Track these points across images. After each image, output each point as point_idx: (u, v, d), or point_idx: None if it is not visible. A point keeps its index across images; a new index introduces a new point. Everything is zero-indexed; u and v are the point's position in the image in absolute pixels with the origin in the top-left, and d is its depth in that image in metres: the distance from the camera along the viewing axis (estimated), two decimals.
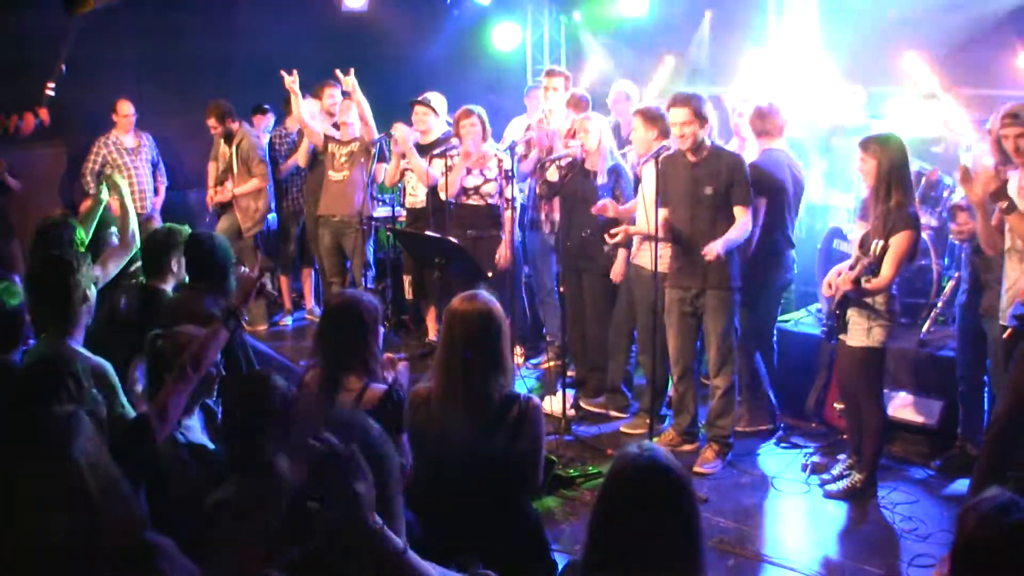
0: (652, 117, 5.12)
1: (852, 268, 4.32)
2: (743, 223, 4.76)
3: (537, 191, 6.10)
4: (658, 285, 4.95)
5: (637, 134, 5.19)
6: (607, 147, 5.58)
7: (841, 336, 4.48)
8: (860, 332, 4.41)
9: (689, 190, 4.81)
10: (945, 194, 5.57)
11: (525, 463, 2.80)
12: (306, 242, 7.67)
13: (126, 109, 7.32)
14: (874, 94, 6.96)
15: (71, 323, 3.28)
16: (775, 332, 5.49)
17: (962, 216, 4.69)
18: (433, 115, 6.40)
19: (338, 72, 6.53)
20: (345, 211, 6.76)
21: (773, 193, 5.04)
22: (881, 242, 4.15)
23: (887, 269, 4.23)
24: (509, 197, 5.93)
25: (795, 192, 5.21)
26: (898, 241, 4.21)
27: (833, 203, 6.21)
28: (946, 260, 5.56)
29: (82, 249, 4.33)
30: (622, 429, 5.46)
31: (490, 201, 6.01)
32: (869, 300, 4.34)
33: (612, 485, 1.96)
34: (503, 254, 5.97)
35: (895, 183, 4.25)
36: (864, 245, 4.30)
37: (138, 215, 7.29)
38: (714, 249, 4.56)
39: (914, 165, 5.55)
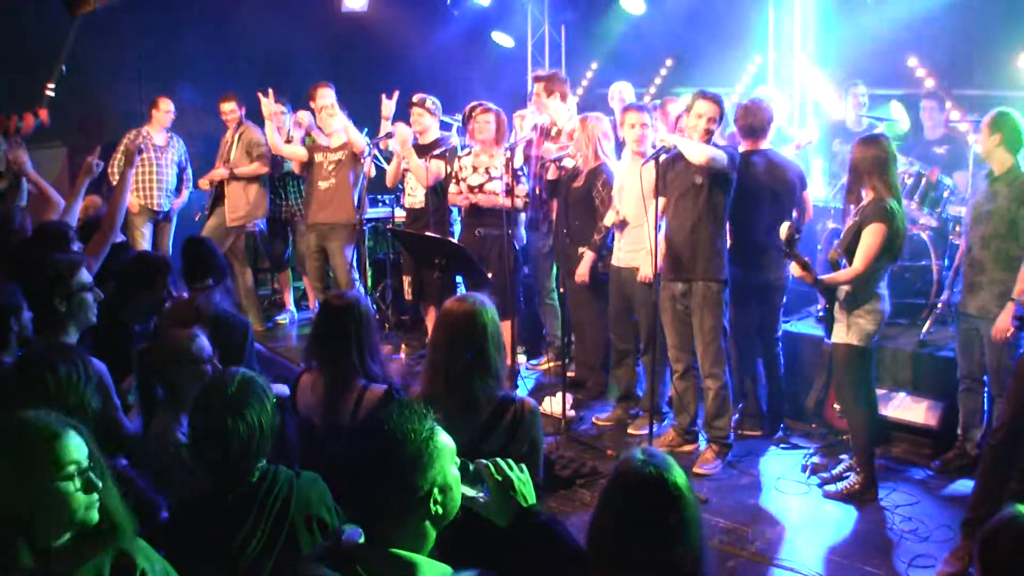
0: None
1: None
2: (704, 147, 4.62)
3: (537, 191, 6.09)
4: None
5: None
6: (592, 149, 5.58)
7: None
8: (840, 328, 4.43)
9: (680, 183, 4.81)
10: (945, 194, 5.57)
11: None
12: (299, 243, 7.75)
13: (167, 106, 7.36)
14: (878, 95, 6.98)
15: (65, 324, 3.28)
16: (780, 334, 5.43)
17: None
18: (428, 115, 6.40)
19: (385, 96, 6.50)
20: (331, 218, 6.79)
21: (763, 195, 5.02)
22: (790, 224, 4.21)
23: (858, 261, 4.26)
24: (519, 194, 5.92)
25: (789, 193, 5.17)
26: (870, 233, 4.24)
27: (834, 204, 6.21)
28: (946, 260, 5.56)
29: None
30: (629, 431, 5.46)
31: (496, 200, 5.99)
32: (844, 292, 4.36)
33: (611, 489, 1.96)
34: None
35: (870, 180, 4.31)
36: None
37: (155, 211, 7.37)
38: (670, 137, 4.57)
39: (914, 166, 5.58)
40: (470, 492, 2.04)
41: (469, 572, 1.90)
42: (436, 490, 1.89)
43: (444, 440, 1.96)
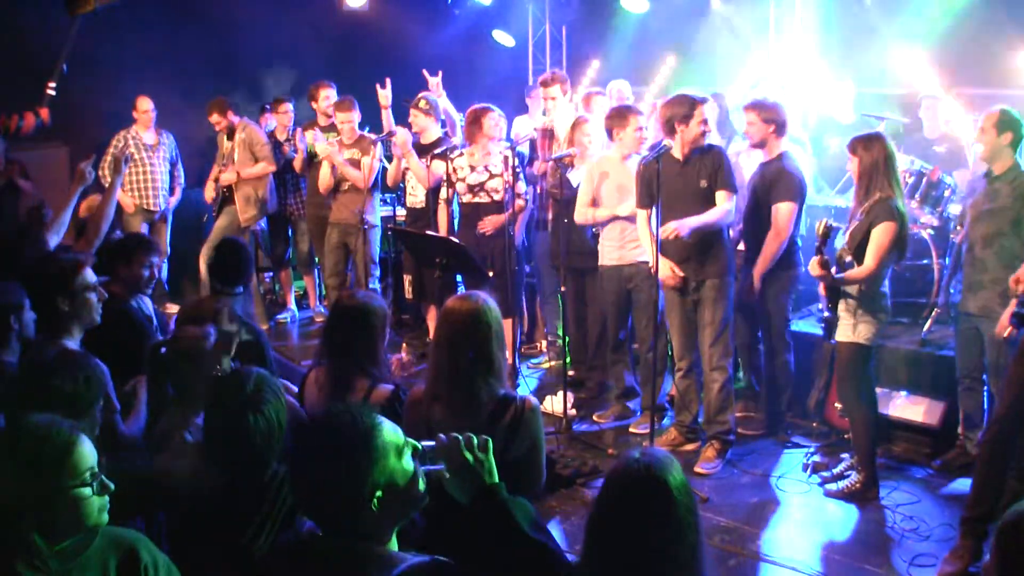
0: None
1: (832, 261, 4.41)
2: (724, 208, 4.79)
3: (551, 191, 6.03)
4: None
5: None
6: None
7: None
8: (847, 327, 4.44)
9: (681, 187, 4.82)
10: (946, 193, 5.57)
11: (522, 468, 2.74)
12: (300, 242, 7.78)
13: (145, 105, 7.35)
14: (878, 95, 7.00)
15: (68, 324, 3.28)
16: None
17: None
18: (423, 115, 6.40)
19: (378, 86, 6.55)
20: (351, 216, 6.81)
21: (801, 197, 5.03)
22: (828, 221, 4.25)
23: (869, 260, 4.27)
24: (519, 192, 5.93)
25: None
26: (879, 232, 4.25)
27: (832, 203, 6.22)
28: (947, 259, 5.56)
29: None
30: (630, 429, 5.47)
31: (495, 198, 6.00)
32: (852, 291, 4.37)
33: (606, 490, 1.96)
34: (492, 223, 5.93)
35: (877, 180, 4.32)
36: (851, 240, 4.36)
37: (151, 213, 7.37)
38: (685, 225, 4.59)
39: (915, 165, 5.59)
40: (433, 468, 2.01)
41: (421, 559, 1.88)
42: (379, 491, 1.85)
43: (387, 438, 1.90)
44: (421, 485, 1.95)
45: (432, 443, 2.04)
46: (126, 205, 7.23)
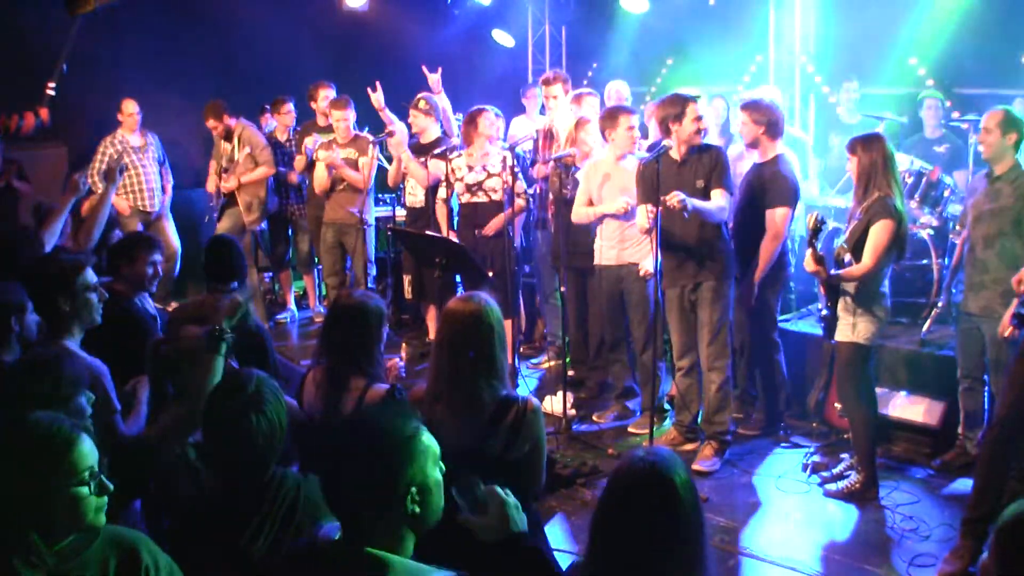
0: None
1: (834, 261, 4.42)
2: (720, 203, 4.78)
3: (552, 190, 6.03)
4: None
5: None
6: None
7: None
8: (845, 327, 4.44)
9: (678, 188, 4.81)
10: (946, 193, 5.57)
11: (523, 468, 2.76)
12: (300, 243, 7.78)
13: (131, 108, 7.33)
14: (878, 95, 7.00)
15: (69, 324, 3.28)
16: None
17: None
18: (423, 116, 6.40)
19: (369, 89, 6.56)
20: (346, 215, 6.81)
21: (795, 201, 5.03)
22: (818, 213, 4.25)
23: (866, 258, 4.28)
24: (519, 192, 5.94)
25: None
26: (878, 230, 4.26)
27: (832, 203, 6.22)
28: (946, 260, 5.57)
29: None
30: (629, 429, 5.47)
31: (494, 197, 6.00)
32: (851, 290, 4.37)
33: (611, 488, 1.96)
34: (494, 225, 5.96)
35: (876, 179, 4.33)
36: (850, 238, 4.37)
37: (147, 214, 7.36)
38: (689, 201, 4.54)
39: (915, 165, 5.59)
40: (466, 510, 2.13)
41: (446, 573, 1.89)
42: (414, 490, 1.88)
43: (427, 442, 1.96)
44: (440, 501, 1.99)
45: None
46: (122, 208, 7.22)
